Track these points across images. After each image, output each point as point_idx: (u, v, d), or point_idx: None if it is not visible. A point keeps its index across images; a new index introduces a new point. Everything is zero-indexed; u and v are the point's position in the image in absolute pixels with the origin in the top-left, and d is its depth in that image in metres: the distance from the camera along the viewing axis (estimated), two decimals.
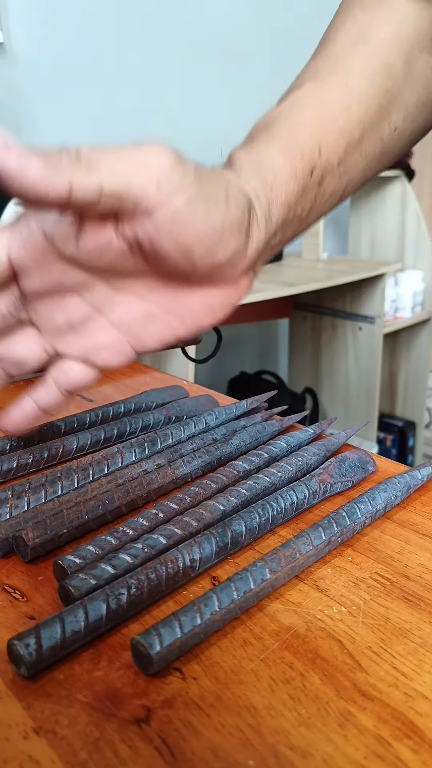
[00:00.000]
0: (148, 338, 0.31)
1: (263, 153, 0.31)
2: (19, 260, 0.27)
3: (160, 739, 0.20)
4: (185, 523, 0.29)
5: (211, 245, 0.27)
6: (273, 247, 0.33)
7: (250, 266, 0.30)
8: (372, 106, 0.35)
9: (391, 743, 0.19)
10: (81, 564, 0.26)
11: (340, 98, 0.34)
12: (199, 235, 0.26)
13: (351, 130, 0.34)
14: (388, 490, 0.32)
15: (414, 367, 2.09)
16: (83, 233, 0.26)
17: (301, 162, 0.32)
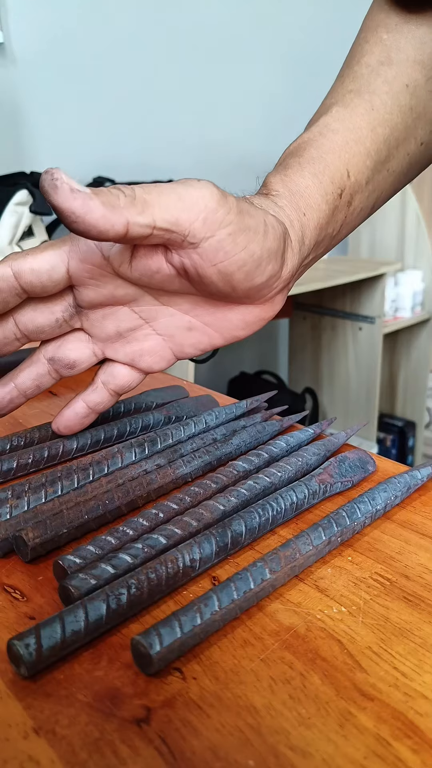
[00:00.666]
0: (188, 347, 0.33)
1: (296, 180, 0.33)
2: (77, 273, 0.29)
3: (160, 739, 0.20)
4: (185, 523, 0.29)
5: (249, 271, 0.29)
6: (306, 266, 0.35)
7: (284, 286, 0.32)
8: (398, 125, 0.36)
9: (391, 743, 0.19)
10: (81, 564, 0.26)
11: (366, 121, 0.35)
12: (240, 263, 0.28)
13: (378, 150, 0.36)
14: (388, 490, 0.32)
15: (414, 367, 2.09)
16: (136, 259, 0.29)
17: (331, 186, 0.34)
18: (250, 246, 0.28)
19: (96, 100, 1.61)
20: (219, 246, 0.27)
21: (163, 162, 1.77)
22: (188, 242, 0.27)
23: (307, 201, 0.33)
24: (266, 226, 0.29)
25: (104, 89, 1.61)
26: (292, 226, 0.32)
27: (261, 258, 0.29)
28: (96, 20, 1.56)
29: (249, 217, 0.28)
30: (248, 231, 0.28)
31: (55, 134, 1.54)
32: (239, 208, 0.28)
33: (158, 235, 0.26)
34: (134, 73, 1.67)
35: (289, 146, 0.36)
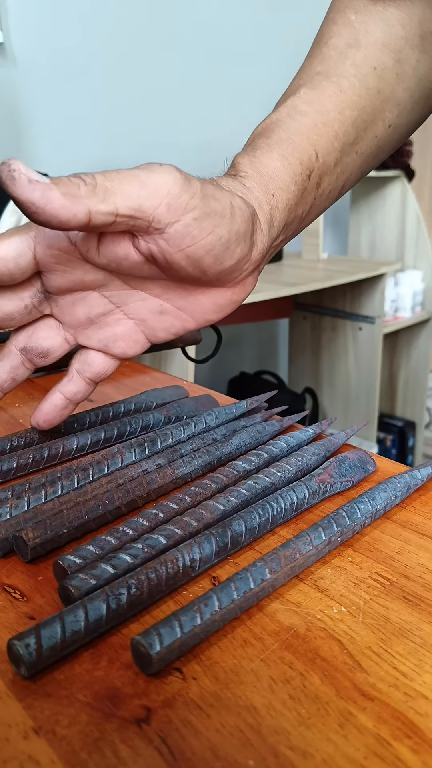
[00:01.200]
0: (161, 330, 0.33)
1: (265, 161, 0.33)
2: (44, 259, 0.29)
3: (160, 739, 0.20)
4: (185, 523, 0.29)
5: (218, 255, 0.29)
6: (276, 247, 0.34)
7: (254, 268, 0.32)
8: (366, 107, 0.36)
9: (391, 743, 0.19)
10: (81, 564, 0.26)
11: (334, 103, 0.35)
12: (207, 247, 0.28)
13: (346, 132, 0.35)
14: (388, 490, 0.32)
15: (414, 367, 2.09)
16: (103, 245, 0.28)
17: (300, 167, 0.33)
18: (216, 230, 0.28)
19: (96, 100, 1.61)
20: (185, 231, 0.27)
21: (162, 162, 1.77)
22: (153, 228, 0.27)
23: (276, 182, 0.32)
24: (233, 209, 0.29)
25: (104, 89, 1.62)
26: (260, 207, 0.31)
27: (229, 241, 0.29)
28: (96, 20, 1.56)
29: (214, 201, 0.28)
30: (214, 215, 0.28)
31: (55, 134, 1.54)
32: (204, 192, 0.28)
33: (122, 222, 0.26)
34: (134, 73, 1.67)
35: (257, 127, 0.36)
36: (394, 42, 0.36)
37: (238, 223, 0.29)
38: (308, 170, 0.34)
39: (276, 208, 0.32)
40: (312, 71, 0.37)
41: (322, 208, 0.37)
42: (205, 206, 0.28)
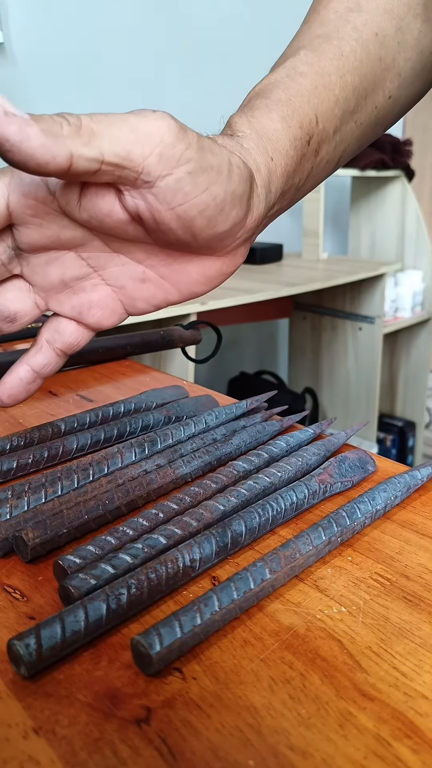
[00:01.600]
0: (141, 301, 0.30)
1: (264, 122, 0.31)
2: (18, 210, 0.26)
3: (160, 739, 0.20)
4: (185, 523, 0.29)
5: (212, 217, 0.27)
6: (271, 217, 0.33)
7: (248, 237, 0.30)
8: (366, 75, 0.35)
9: (391, 743, 0.19)
10: (81, 564, 0.26)
11: (335, 67, 0.34)
12: (201, 207, 0.26)
13: (346, 98, 0.34)
14: (388, 490, 0.32)
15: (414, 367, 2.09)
16: (86, 197, 0.26)
17: (300, 131, 0.32)
18: (212, 187, 0.26)
19: (96, 100, 1.61)
20: (177, 186, 0.25)
21: None
22: (142, 180, 0.24)
23: (275, 145, 0.30)
24: (231, 166, 0.27)
25: (104, 89, 1.62)
26: (258, 170, 0.29)
27: (224, 202, 0.26)
28: (96, 20, 1.56)
29: (211, 155, 0.26)
30: (210, 170, 0.25)
31: None
32: (200, 144, 0.25)
33: (107, 171, 0.24)
34: (134, 73, 1.67)
35: (253, 87, 0.34)
36: (396, 8, 0.35)
37: (235, 183, 0.27)
38: (308, 135, 0.32)
39: (274, 172, 0.30)
40: (311, 34, 0.35)
41: (318, 179, 0.36)
42: (201, 160, 0.25)
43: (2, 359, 0.52)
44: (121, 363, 0.59)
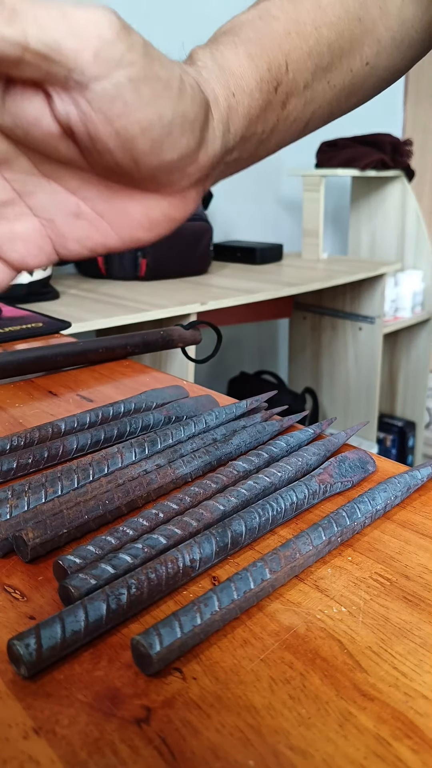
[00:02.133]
0: (73, 240, 0.27)
1: (228, 56, 0.28)
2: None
3: (160, 739, 0.20)
4: (185, 524, 0.29)
5: (157, 139, 0.23)
6: (228, 165, 0.30)
7: (201, 177, 0.27)
8: (344, 32, 0.33)
9: (391, 743, 0.19)
10: (81, 564, 0.26)
11: (311, 17, 0.31)
12: (144, 124, 0.22)
13: (320, 53, 0.32)
14: (388, 490, 0.32)
15: (414, 367, 2.09)
16: (10, 97, 0.22)
17: (267, 74, 0.29)
18: (158, 102, 0.22)
19: None
20: (116, 93, 0.21)
21: None
22: (74, 80, 0.21)
23: (238, 81, 0.27)
24: (182, 84, 0.23)
25: None
26: (216, 102, 0.26)
27: (172, 124, 0.23)
28: None
29: (160, 66, 0.22)
30: (157, 82, 0.22)
31: None
32: (147, 50, 0.22)
33: (32, 64, 0.20)
34: None
35: (221, 27, 0.31)
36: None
37: (186, 105, 0.23)
38: (276, 81, 0.29)
39: (235, 110, 0.27)
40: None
41: (283, 138, 0.33)
42: (147, 68, 0.22)
43: (2, 359, 0.52)
44: (121, 363, 0.59)
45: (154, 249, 1.51)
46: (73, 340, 0.62)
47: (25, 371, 0.53)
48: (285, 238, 2.13)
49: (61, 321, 0.74)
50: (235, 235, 2.04)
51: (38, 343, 0.66)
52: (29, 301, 1.27)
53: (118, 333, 0.87)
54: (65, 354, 0.55)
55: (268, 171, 2.09)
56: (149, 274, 1.53)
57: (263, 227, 2.13)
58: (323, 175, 1.77)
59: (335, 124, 1.55)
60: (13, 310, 0.81)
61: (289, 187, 2.14)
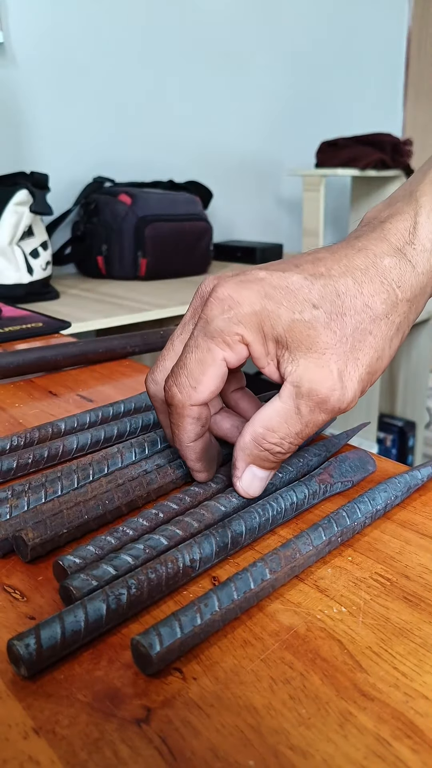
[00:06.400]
0: None
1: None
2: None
3: (160, 739, 0.20)
4: (186, 524, 0.29)
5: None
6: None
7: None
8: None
9: (391, 743, 0.19)
10: (81, 564, 0.26)
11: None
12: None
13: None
14: (388, 490, 0.32)
15: (414, 367, 2.09)
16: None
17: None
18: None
19: (96, 100, 1.61)
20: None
21: (163, 162, 1.77)
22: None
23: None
24: (391, 351, 0.30)
25: (104, 89, 1.61)
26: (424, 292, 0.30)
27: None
28: (96, 20, 1.56)
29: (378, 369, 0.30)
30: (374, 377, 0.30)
31: (55, 134, 1.54)
32: (364, 386, 0.29)
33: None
34: (134, 72, 1.67)
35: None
36: None
37: (398, 341, 0.29)
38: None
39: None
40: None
41: None
42: (369, 382, 0.29)
43: (2, 359, 0.52)
44: (121, 363, 0.59)
45: (154, 249, 1.51)
46: (73, 340, 0.62)
47: (25, 371, 0.53)
48: (285, 238, 2.13)
49: (61, 321, 0.74)
50: (235, 235, 2.04)
51: (38, 343, 0.66)
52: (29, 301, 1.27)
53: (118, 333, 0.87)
54: (65, 354, 0.55)
55: (268, 171, 2.09)
56: (149, 274, 1.53)
57: (263, 227, 2.12)
58: (323, 175, 1.77)
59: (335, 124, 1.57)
60: (13, 310, 0.81)
61: (289, 187, 2.14)
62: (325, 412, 0.28)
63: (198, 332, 0.29)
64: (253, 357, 0.29)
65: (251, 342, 0.28)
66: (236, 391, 0.35)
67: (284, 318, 0.27)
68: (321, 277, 0.28)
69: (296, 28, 2.03)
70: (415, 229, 0.29)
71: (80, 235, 1.55)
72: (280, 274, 0.28)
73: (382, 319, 0.28)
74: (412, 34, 2.47)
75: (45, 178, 1.30)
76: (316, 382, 0.27)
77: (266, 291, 0.28)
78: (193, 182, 1.73)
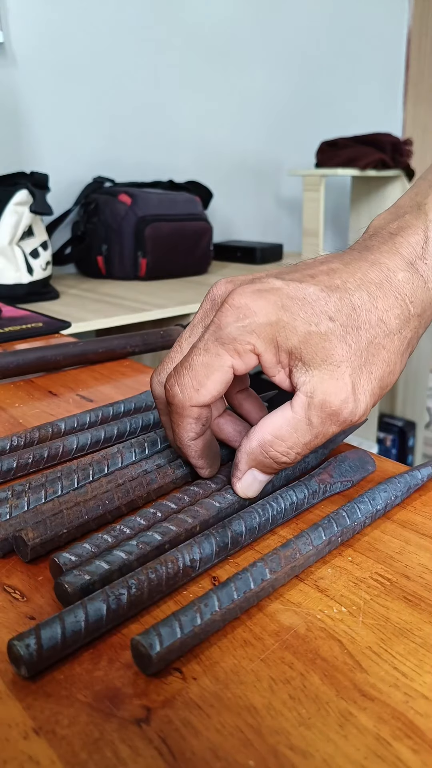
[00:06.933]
0: None
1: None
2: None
3: (160, 739, 0.20)
4: (180, 520, 0.29)
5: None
6: None
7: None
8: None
9: (391, 743, 0.19)
10: (76, 561, 0.26)
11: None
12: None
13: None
14: (388, 490, 0.32)
15: (414, 367, 2.09)
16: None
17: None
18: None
19: (96, 100, 1.61)
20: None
21: (163, 162, 1.77)
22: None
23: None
24: (403, 360, 0.30)
25: (104, 89, 1.61)
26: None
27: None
28: (96, 20, 1.56)
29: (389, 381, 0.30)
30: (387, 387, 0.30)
31: (55, 134, 1.54)
32: (375, 400, 0.29)
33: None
34: (134, 72, 1.67)
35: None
36: None
37: (407, 358, 0.29)
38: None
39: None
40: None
41: None
42: (380, 395, 0.29)
43: (2, 359, 0.52)
44: (121, 363, 0.59)
45: (154, 249, 1.51)
46: (73, 340, 0.62)
47: (25, 371, 0.53)
48: (285, 238, 2.13)
49: (61, 321, 0.74)
50: (235, 235, 2.04)
51: (38, 343, 0.66)
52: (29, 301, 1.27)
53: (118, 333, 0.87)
54: (65, 354, 0.55)
55: (268, 171, 2.09)
56: (149, 274, 1.53)
57: (263, 227, 2.12)
58: (323, 175, 1.77)
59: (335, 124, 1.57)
60: (13, 310, 0.81)
61: (289, 187, 2.14)
62: (336, 424, 0.28)
63: (209, 336, 0.29)
64: (263, 366, 0.29)
65: (263, 353, 0.28)
66: (240, 392, 0.35)
67: (300, 330, 0.27)
68: (337, 289, 0.28)
69: (296, 28, 2.03)
70: (426, 244, 0.30)
71: (80, 235, 1.55)
72: (297, 285, 0.28)
73: (395, 334, 0.28)
74: (412, 34, 2.47)
75: (45, 178, 1.30)
76: (330, 394, 0.27)
77: (283, 302, 0.28)
78: (193, 182, 1.73)
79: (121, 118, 1.66)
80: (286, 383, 0.29)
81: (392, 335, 0.28)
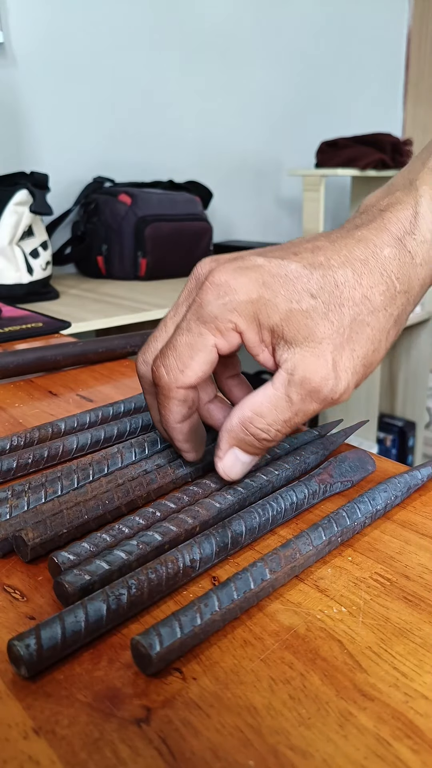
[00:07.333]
0: None
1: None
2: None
3: (160, 739, 0.20)
4: (180, 520, 0.29)
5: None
6: None
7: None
8: None
9: (391, 743, 0.19)
10: (75, 561, 0.26)
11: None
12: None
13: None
14: (388, 490, 0.32)
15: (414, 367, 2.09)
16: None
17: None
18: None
19: (96, 100, 1.60)
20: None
21: (163, 162, 1.77)
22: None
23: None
24: (389, 338, 0.30)
25: (104, 89, 1.61)
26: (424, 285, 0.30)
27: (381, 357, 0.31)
28: (96, 20, 1.56)
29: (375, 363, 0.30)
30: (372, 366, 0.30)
31: (55, 134, 1.54)
32: (359, 378, 0.29)
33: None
34: (134, 72, 1.67)
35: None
36: None
37: (396, 332, 0.30)
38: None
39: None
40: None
41: None
42: (364, 374, 0.29)
43: (2, 359, 0.52)
44: (121, 363, 0.59)
45: (154, 249, 1.51)
46: (73, 340, 0.62)
47: (25, 371, 0.53)
48: (285, 238, 2.13)
49: (61, 321, 0.74)
50: (235, 235, 2.04)
51: (38, 343, 0.66)
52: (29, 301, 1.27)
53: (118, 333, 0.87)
54: (65, 354, 0.55)
55: (268, 171, 2.09)
56: (149, 274, 1.53)
57: (263, 227, 2.12)
58: (323, 175, 1.77)
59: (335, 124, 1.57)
60: (13, 310, 0.81)
61: (289, 187, 2.14)
62: (316, 402, 0.28)
63: (191, 315, 0.28)
64: (246, 345, 0.29)
65: (244, 330, 0.28)
66: (231, 378, 0.35)
67: (281, 307, 0.27)
68: (320, 266, 0.28)
69: (296, 28, 2.03)
70: (416, 219, 0.29)
71: (80, 235, 1.55)
72: (279, 261, 0.28)
73: (381, 311, 0.28)
74: (412, 34, 2.47)
75: (45, 178, 1.30)
76: (310, 371, 0.27)
77: (264, 279, 0.27)
78: (193, 182, 1.73)
79: (121, 118, 1.66)
80: (270, 362, 0.29)
81: (377, 312, 0.28)
